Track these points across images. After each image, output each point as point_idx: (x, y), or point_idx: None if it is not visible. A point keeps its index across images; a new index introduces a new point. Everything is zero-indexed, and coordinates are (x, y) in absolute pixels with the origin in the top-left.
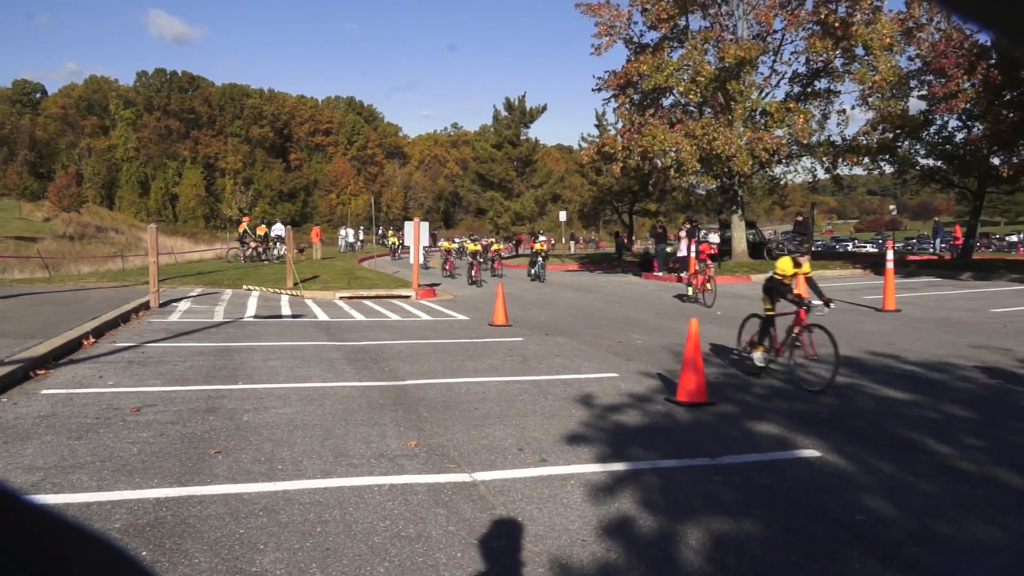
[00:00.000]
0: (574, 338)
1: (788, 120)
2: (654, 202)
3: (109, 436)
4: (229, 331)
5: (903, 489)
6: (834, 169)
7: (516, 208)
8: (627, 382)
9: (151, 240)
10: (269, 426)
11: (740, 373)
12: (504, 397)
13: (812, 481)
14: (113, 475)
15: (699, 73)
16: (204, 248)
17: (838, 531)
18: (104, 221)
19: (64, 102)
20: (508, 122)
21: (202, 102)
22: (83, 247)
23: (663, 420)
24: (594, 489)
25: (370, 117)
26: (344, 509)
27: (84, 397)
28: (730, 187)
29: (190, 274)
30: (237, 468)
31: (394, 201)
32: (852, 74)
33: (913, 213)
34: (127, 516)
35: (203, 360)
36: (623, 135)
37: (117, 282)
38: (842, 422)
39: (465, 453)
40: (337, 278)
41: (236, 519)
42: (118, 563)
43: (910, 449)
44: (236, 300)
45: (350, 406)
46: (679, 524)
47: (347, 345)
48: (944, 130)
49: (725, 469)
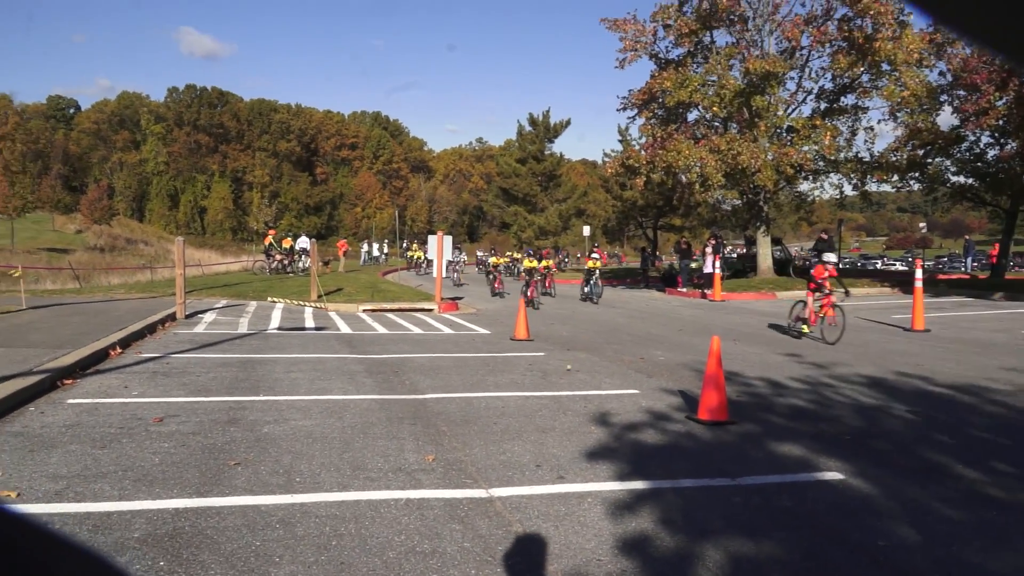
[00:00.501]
0: (595, 353)
1: (815, 137)
2: (679, 217)
3: (132, 446)
4: (253, 343)
5: (928, 515)
6: (862, 186)
7: (540, 222)
8: (648, 399)
9: (178, 253)
10: (288, 438)
11: (764, 392)
12: (523, 412)
13: (834, 505)
14: (134, 485)
15: (723, 87)
16: (231, 260)
17: (860, 556)
18: (134, 233)
19: (97, 117)
20: (532, 137)
21: (231, 117)
22: (113, 259)
23: (683, 439)
24: (611, 507)
25: (396, 132)
26: (360, 523)
27: (109, 407)
28: (755, 203)
29: (216, 286)
30: (255, 480)
31: (419, 215)
32: (879, 90)
33: (944, 231)
34: (146, 526)
35: (226, 371)
36: (647, 150)
37: (145, 293)
38: (867, 444)
39: (483, 468)
40: (361, 291)
41: (253, 531)
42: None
43: (937, 473)
44: (260, 312)
45: (369, 419)
46: (697, 545)
47: (368, 358)
48: (976, 147)
49: (745, 490)
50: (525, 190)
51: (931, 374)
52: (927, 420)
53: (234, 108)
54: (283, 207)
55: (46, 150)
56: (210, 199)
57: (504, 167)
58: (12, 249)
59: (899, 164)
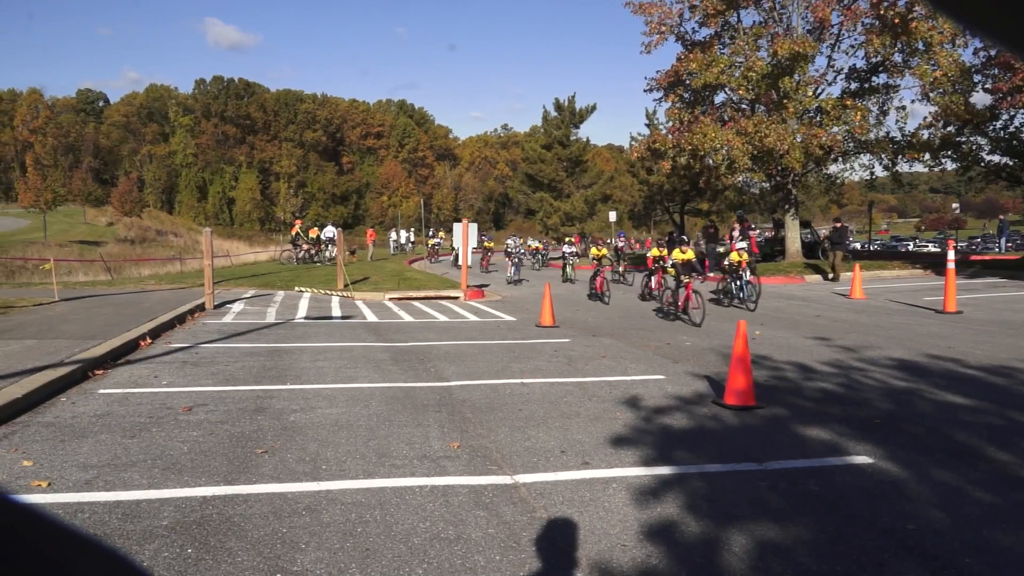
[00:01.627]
0: (621, 339)
1: (845, 117)
2: (706, 201)
3: (161, 435)
4: (280, 332)
5: (959, 498)
6: (893, 166)
7: (566, 208)
8: (674, 384)
9: (206, 244)
10: (315, 426)
11: (792, 376)
12: (548, 399)
13: (863, 489)
14: (163, 473)
15: (751, 69)
16: (259, 250)
17: (889, 540)
18: (164, 225)
19: (126, 110)
20: (557, 122)
21: (257, 108)
22: (144, 250)
23: (709, 423)
24: (636, 493)
25: (421, 120)
26: (385, 510)
27: (139, 397)
28: (783, 185)
29: (244, 276)
30: (282, 467)
31: (444, 203)
32: (912, 69)
33: (978, 211)
34: (174, 514)
35: (254, 361)
36: (673, 133)
37: (175, 284)
38: (897, 428)
39: (507, 455)
40: (387, 279)
41: (279, 518)
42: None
43: (968, 456)
44: (288, 302)
45: (395, 407)
46: (723, 530)
47: (394, 346)
48: (1010, 125)
49: (772, 475)
50: (551, 176)
51: (963, 356)
52: (959, 403)
53: (260, 99)
54: (310, 197)
55: (77, 143)
56: (238, 190)
57: (529, 153)
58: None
59: (932, 142)
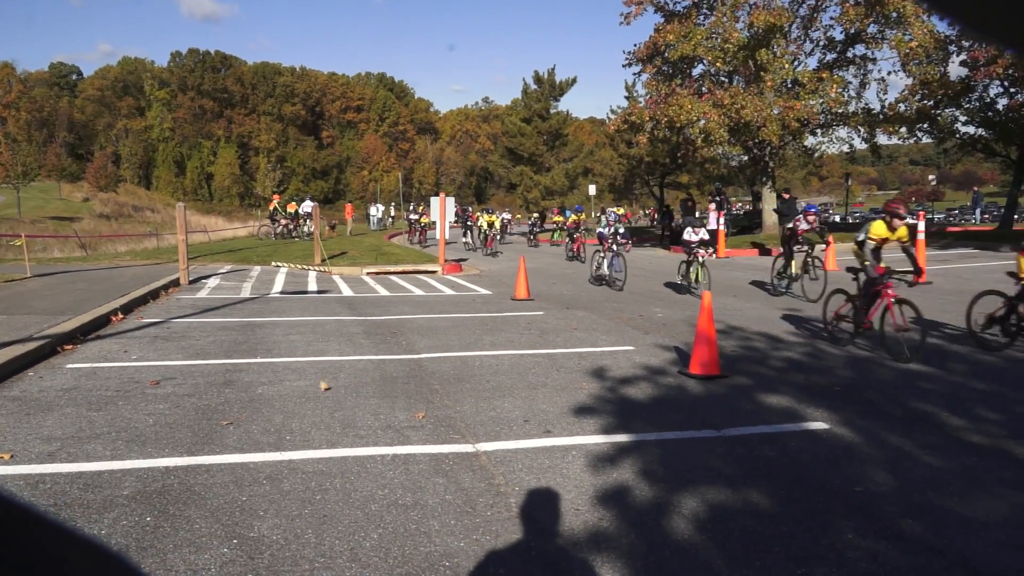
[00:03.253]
0: (594, 311)
1: (821, 90)
2: (686, 174)
3: (127, 408)
4: (254, 307)
5: (909, 462)
6: (871, 139)
7: (546, 182)
8: (642, 355)
9: (180, 219)
10: (282, 398)
11: (759, 346)
12: (517, 370)
13: (817, 454)
14: (127, 445)
15: (728, 41)
16: (238, 226)
17: (836, 503)
18: (141, 201)
19: (100, 84)
20: (537, 95)
21: (235, 81)
22: (120, 226)
23: (673, 392)
24: (595, 460)
25: (401, 93)
26: (346, 478)
27: (107, 371)
28: (760, 158)
29: (221, 251)
30: (246, 439)
31: (426, 177)
32: (888, 40)
33: (956, 183)
34: (136, 484)
35: (226, 335)
36: (650, 105)
37: (150, 260)
38: (856, 395)
39: (471, 424)
40: (365, 254)
41: (240, 487)
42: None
43: (921, 422)
44: (264, 277)
45: (363, 379)
46: (675, 495)
47: (368, 320)
48: (986, 96)
49: (729, 441)
50: (531, 149)
51: (927, 326)
52: (918, 371)
53: (237, 72)
54: (290, 172)
55: (51, 118)
56: (216, 165)
57: (509, 126)
58: (18, 218)
59: (908, 115)
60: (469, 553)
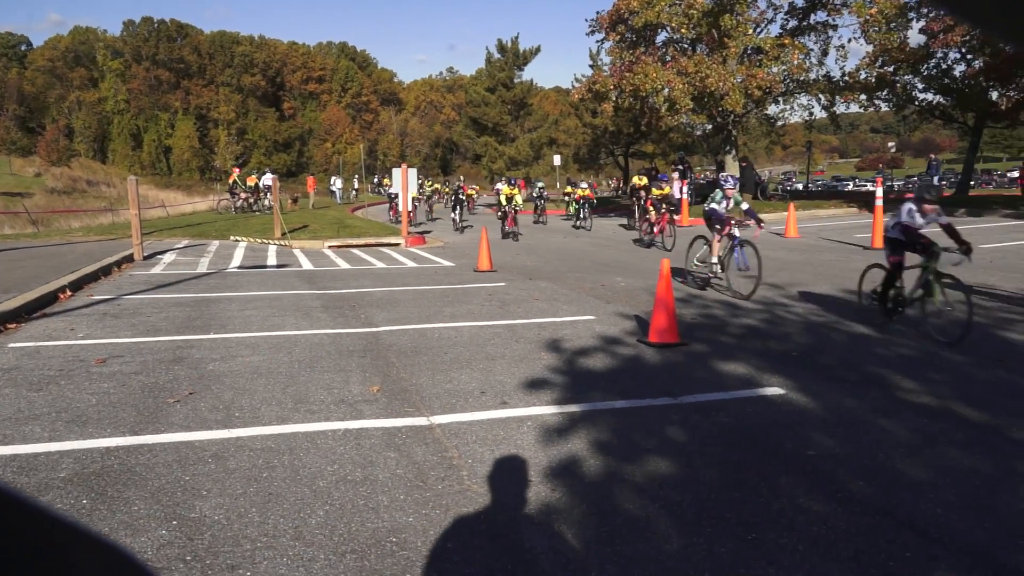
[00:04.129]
0: (557, 282)
1: (783, 57)
2: (651, 143)
3: (70, 388)
4: (210, 282)
5: (861, 425)
6: (831, 106)
7: (511, 153)
8: (602, 324)
9: (131, 193)
10: (233, 374)
11: (719, 314)
12: (476, 342)
13: (771, 419)
14: (67, 426)
15: (692, 7)
16: (197, 200)
17: (788, 467)
18: (96, 175)
19: (51, 54)
20: (501, 64)
21: (191, 51)
22: (73, 201)
23: (631, 361)
24: (549, 431)
25: (364, 63)
26: (294, 455)
27: (51, 350)
28: (724, 127)
29: (179, 226)
30: (194, 416)
31: (390, 149)
32: (849, 7)
33: (915, 151)
34: (73, 465)
35: (179, 311)
36: (614, 74)
37: (104, 236)
38: (812, 360)
39: (427, 397)
40: (327, 227)
41: (183, 466)
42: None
43: (875, 385)
44: (223, 251)
45: (319, 353)
46: (629, 464)
47: (327, 293)
48: (944, 63)
49: (685, 408)
50: (495, 119)
51: None
52: (873, 336)
53: (194, 41)
54: (251, 144)
55: None
56: (175, 138)
57: (473, 96)
58: None
59: (867, 83)
60: (417, 528)
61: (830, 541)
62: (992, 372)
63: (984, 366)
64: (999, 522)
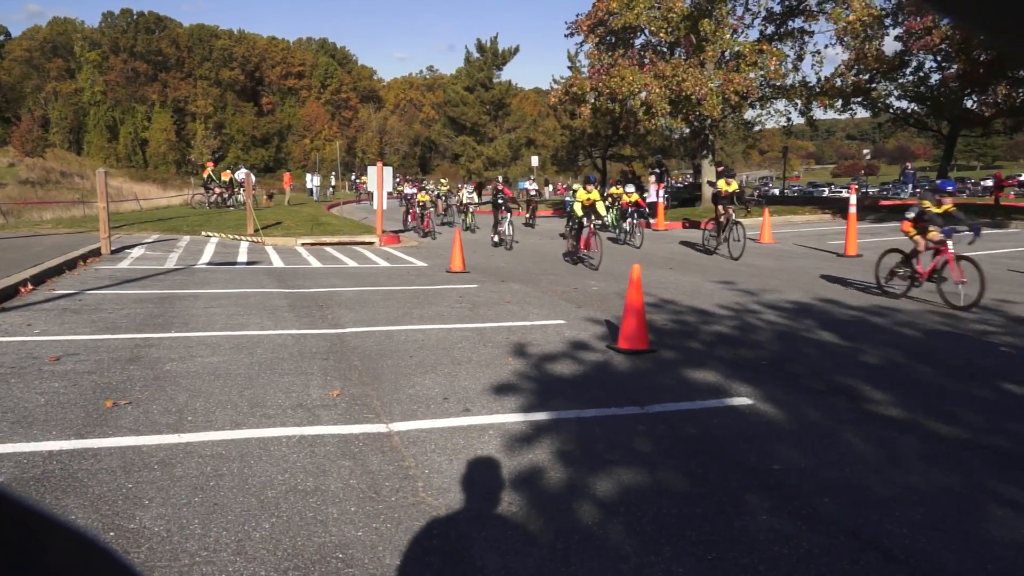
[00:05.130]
0: (529, 284)
1: (761, 62)
2: (629, 146)
3: (19, 386)
4: (177, 278)
5: (828, 438)
6: (807, 112)
7: (489, 153)
8: (573, 329)
9: (100, 185)
10: (190, 375)
11: (691, 320)
12: (443, 345)
13: (738, 430)
14: (11, 427)
15: (671, 10)
16: (173, 195)
17: (752, 481)
18: (71, 167)
19: (29, 44)
20: (480, 64)
21: (169, 44)
22: (46, 193)
23: (599, 368)
24: (512, 440)
25: (343, 60)
26: (245, 462)
27: (4, 346)
28: (701, 131)
29: (151, 220)
30: (144, 420)
31: (369, 146)
32: (827, 13)
33: (891, 158)
34: (13, 470)
35: (141, 308)
36: (592, 76)
37: (73, 229)
38: (782, 369)
39: (387, 403)
40: (301, 224)
41: (128, 473)
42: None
43: (843, 396)
44: (193, 247)
45: (281, 355)
46: (590, 476)
47: (295, 292)
48: (920, 71)
49: (652, 418)
50: (473, 119)
51: (852, 299)
52: (843, 345)
53: (172, 34)
54: (228, 139)
55: None
56: (151, 130)
57: (452, 95)
58: None
59: (844, 89)
60: (366, 543)
61: (792, 563)
62: (963, 384)
63: (955, 377)
64: (966, 544)
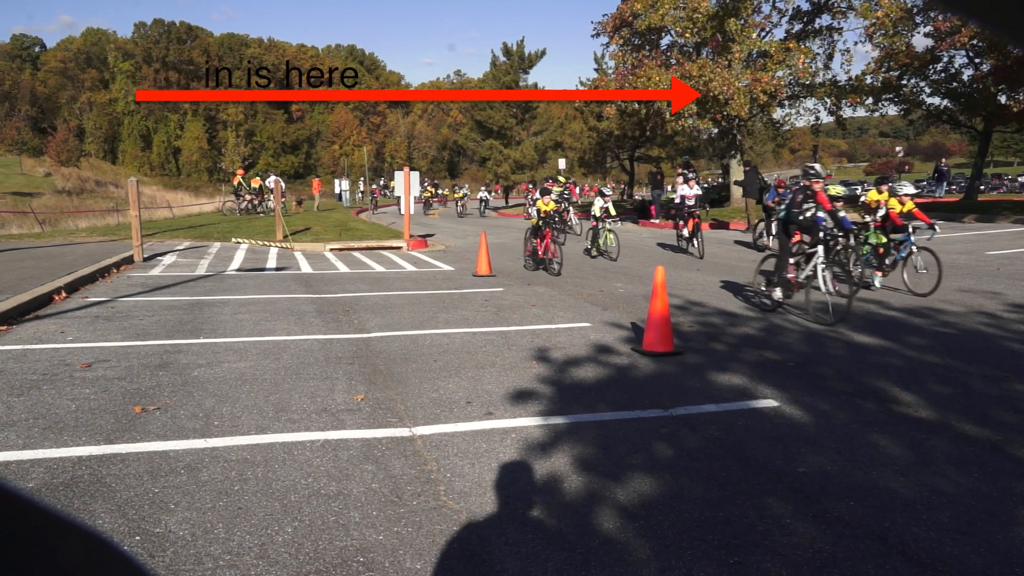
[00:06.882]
0: (554, 287)
1: (788, 60)
2: (657, 147)
3: (52, 393)
4: (207, 285)
5: (855, 440)
6: (837, 110)
7: (516, 156)
8: (597, 332)
9: (132, 194)
10: (217, 381)
11: (717, 322)
12: (467, 349)
13: (763, 432)
14: (42, 433)
15: (696, 10)
16: (204, 202)
17: (776, 485)
18: (105, 176)
19: (63, 56)
20: (506, 68)
21: (200, 53)
22: (82, 202)
23: (624, 371)
24: (533, 444)
25: (372, 66)
26: (269, 467)
27: (38, 353)
28: (728, 131)
29: (182, 227)
30: (172, 425)
31: (397, 151)
32: (855, 10)
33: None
34: (43, 475)
35: (171, 315)
36: (618, 77)
37: (107, 237)
38: (809, 371)
39: (411, 407)
40: (329, 230)
41: (154, 478)
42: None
43: (872, 398)
44: (223, 253)
45: (307, 360)
46: (612, 480)
47: (322, 297)
48: (951, 67)
49: (675, 421)
50: (500, 123)
51: (886, 298)
52: (874, 345)
53: (204, 43)
54: (259, 146)
55: (12, 91)
56: (184, 139)
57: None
58: None
59: (873, 87)
60: (387, 547)
61: (815, 567)
62: (996, 385)
63: (989, 379)
64: (994, 548)
